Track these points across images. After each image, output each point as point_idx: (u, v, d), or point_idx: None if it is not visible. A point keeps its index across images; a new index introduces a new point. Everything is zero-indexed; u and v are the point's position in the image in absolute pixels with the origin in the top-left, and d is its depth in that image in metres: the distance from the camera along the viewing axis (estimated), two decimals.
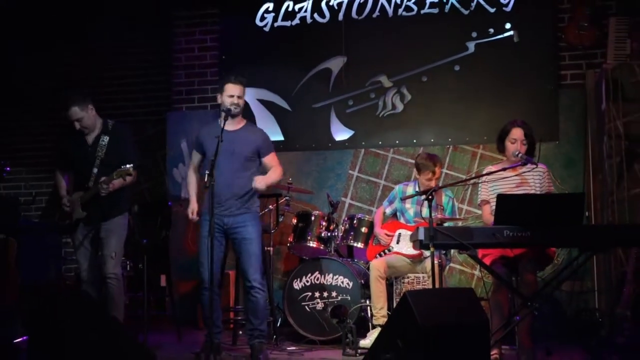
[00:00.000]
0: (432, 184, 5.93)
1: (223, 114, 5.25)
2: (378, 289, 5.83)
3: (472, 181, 6.67)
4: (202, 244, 5.30)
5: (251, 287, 5.36)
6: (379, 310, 5.81)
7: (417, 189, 6.04)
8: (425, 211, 5.15)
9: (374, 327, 5.89)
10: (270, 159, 5.53)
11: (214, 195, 5.02)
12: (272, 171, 5.48)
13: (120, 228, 5.54)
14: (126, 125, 5.69)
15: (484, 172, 5.45)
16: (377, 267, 5.86)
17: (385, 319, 5.73)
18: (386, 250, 6.04)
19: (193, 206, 5.47)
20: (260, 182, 5.33)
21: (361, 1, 7.50)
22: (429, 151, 6.54)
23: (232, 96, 5.37)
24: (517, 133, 5.33)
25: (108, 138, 5.43)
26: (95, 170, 5.38)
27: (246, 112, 7.51)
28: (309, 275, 6.23)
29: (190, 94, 7.94)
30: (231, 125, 5.38)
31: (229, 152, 5.27)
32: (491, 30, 7.19)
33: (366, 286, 6.05)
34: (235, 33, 7.81)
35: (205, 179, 5.00)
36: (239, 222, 5.38)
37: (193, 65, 7.97)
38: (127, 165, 5.17)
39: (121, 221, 5.56)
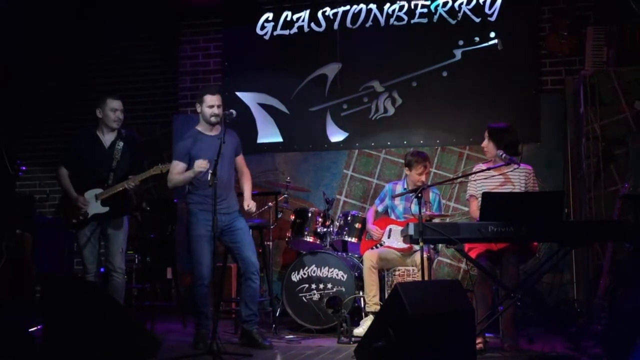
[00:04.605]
0: (423, 178, 5.92)
1: (221, 118, 5.32)
2: (370, 279, 5.81)
3: (459, 180, 6.66)
4: (200, 243, 5.29)
5: (253, 273, 5.41)
6: (371, 298, 5.80)
7: (405, 187, 6.03)
8: (414, 208, 5.15)
9: (366, 314, 5.88)
10: (242, 159, 5.68)
11: (216, 195, 5.00)
12: (248, 183, 5.64)
13: (126, 225, 5.62)
14: (136, 134, 5.80)
15: (474, 170, 5.45)
16: (369, 257, 5.84)
17: (378, 307, 5.71)
18: (378, 245, 6.03)
19: (199, 164, 5.26)
20: (253, 205, 5.49)
21: (355, 11, 7.49)
22: None
23: (212, 106, 5.45)
24: None
25: (122, 144, 5.55)
26: (112, 171, 5.50)
27: (247, 115, 7.57)
28: (306, 268, 6.22)
29: (195, 98, 7.82)
30: (212, 131, 5.49)
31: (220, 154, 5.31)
32: (477, 38, 7.18)
33: (359, 278, 6.04)
34: (237, 41, 7.79)
35: (209, 179, 4.99)
36: (233, 218, 5.47)
37: (197, 71, 7.94)
38: (168, 164, 5.42)
39: (127, 219, 5.67)
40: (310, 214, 6.39)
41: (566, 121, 6.83)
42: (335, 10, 7.54)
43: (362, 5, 7.46)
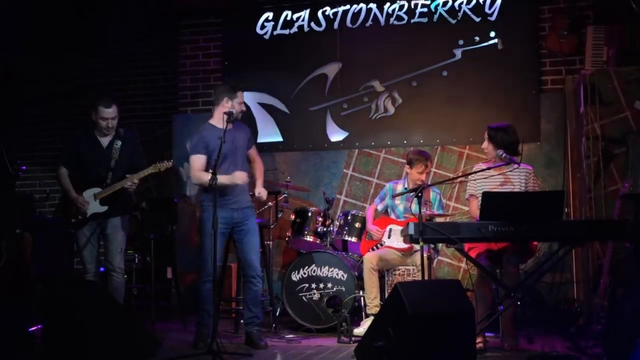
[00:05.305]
0: (423, 177, 5.93)
1: (226, 117, 5.25)
2: (371, 280, 5.81)
3: (459, 179, 6.66)
4: (211, 240, 5.18)
5: (254, 277, 5.41)
6: (372, 300, 5.80)
7: (406, 187, 6.03)
8: (414, 207, 5.15)
9: (367, 316, 5.87)
10: (254, 150, 5.71)
11: (216, 192, 5.00)
12: (260, 172, 5.66)
13: (126, 225, 5.62)
14: (135, 133, 5.80)
15: (474, 169, 5.45)
16: (370, 259, 5.84)
17: (378, 309, 5.71)
18: (378, 245, 6.02)
19: (237, 174, 5.29)
20: (264, 192, 5.53)
21: (355, 11, 7.49)
22: None
23: (241, 103, 5.47)
24: None
25: (121, 143, 5.56)
26: (111, 170, 5.49)
27: (247, 115, 7.52)
28: (306, 267, 6.21)
29: (195, 98, 7.91)
30: (229, 126, 5.40)
31: (233, 149, 5.34)
32: (477, 38, 7.18)
33: (359, 278, 6.04)
34: (237, 41, 7.78)
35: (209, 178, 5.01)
36: (245, 216, 5.45)
37: (197, 70, 7.94)
38: (170, 161, 5.47)
39: (126, 218, 5.66)
40: (310, 214, 6.39)
41: (566, 121, 6.83)
42: (335, 10, 7.54)
43: (362, 5, 7.46)
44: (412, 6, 7.34)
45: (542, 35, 7.06)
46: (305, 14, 7.61)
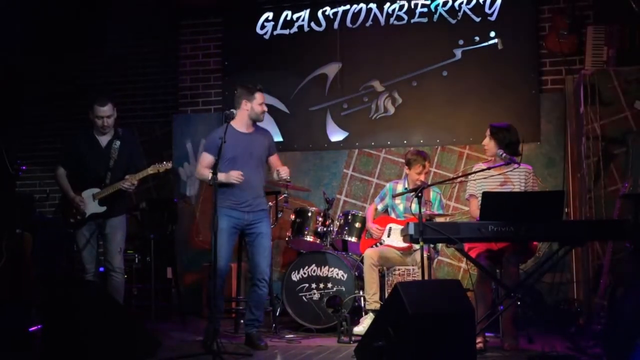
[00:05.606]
0: (422, 177, 5.94)
1: (228, 118, 5.24)
2: (371, 276, 5.82)
3: (459, 179, 6.66)
4: (220, 237, 5.14)
5: (260, 280, 5.40)
6: (371, 296, 5.81)
7: (406, 186, 6.04)
8: (414, 207, 5.15)
9: (366, 312, 5.88)
10: (276, 158, 5.67)
11: (216, 192, 5.01)
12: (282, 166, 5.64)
13: (124, 224, 5.63)
14: (134, 133, 5.79)
15: (474, 169, 5.45)
16: (370, 255, 5.85)
17: (378, 305, 5.72)
18: (378, 244, 6.03)
19: (232, 173, 5.26)
20: (287, 172, 5.50)
21: (355, 11, 7.49)
22: None
23: (262, 103, 5.47)
24: None
25: (120, 143, 5.55)
26: (110, 170, 5.49)
27: None
28: (306, 267, 6.22)
29: (195, 98, 7.91)
30: (248, 128, 5.46)
31: (248, 153, 5.35)
32: (477, 38, 7.18)
33: (359, 278, 6.04)
34: (237, 41, 7.78)
35: (209, 178, 5.03)
36: (258, 218, 5.45)
37: (197, 70, 7.94)
38: (169, 162, 5.50)
39: (125, 218, 5.67)
40: (310, 214, 6.39)
41: (566, 121, 6.83)
42: (335, 10, 7.54)
43: (362, 5, 7.46)
44: (412, 6, 7.34)
45: (542, 35, 7.06)
46: (305, 14, 7.61)
